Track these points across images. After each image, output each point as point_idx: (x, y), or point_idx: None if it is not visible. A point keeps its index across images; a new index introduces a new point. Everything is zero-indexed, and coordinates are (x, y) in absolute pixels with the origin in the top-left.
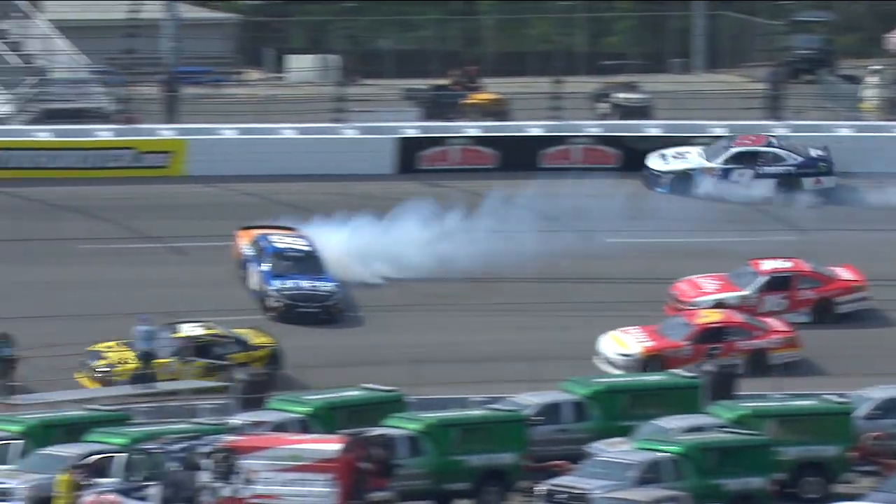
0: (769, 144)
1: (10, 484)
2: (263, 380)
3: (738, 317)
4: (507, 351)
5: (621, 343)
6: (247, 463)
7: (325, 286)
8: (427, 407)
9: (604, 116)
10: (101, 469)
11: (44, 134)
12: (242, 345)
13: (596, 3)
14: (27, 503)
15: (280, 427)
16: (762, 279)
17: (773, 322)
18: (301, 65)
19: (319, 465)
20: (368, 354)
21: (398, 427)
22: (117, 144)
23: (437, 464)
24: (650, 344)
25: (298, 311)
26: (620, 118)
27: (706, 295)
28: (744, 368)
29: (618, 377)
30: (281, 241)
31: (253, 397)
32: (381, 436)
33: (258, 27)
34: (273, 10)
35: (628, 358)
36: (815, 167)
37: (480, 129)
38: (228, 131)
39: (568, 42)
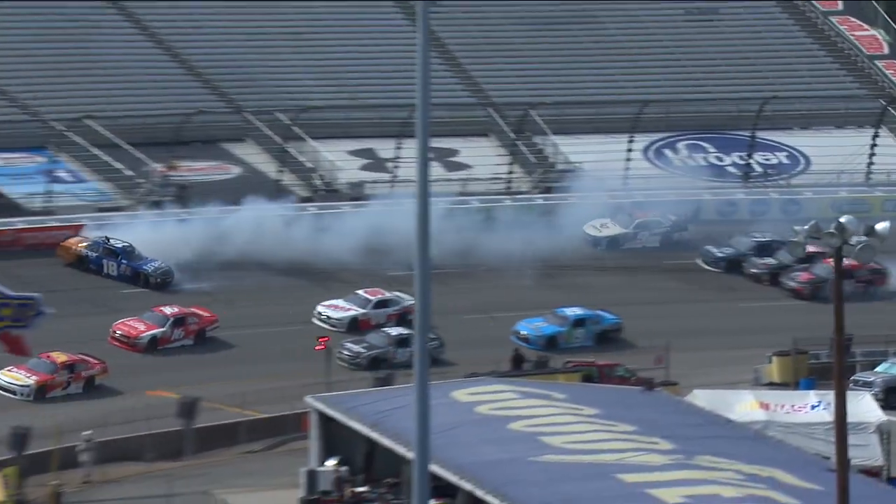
0: (651, 216)
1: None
2: None
3: (73, 356)
4: None
5: (16, 377)
6: None
7: (160, 263)
8: None
9: None
10: None
11: None
12: None
13: None
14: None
15: None
16: (171, 319)
17: (91, 359)
18: None
19: None
20: None
21: None
22: None
23: None
24: (36, 378)
25: (168, 281)
26: None
27: (143, 333)
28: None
29: None
30: (114, 241)
31: None
32: None
33: None
34: None
35: (27, 388)
36: (682, 227)
37: None
38: None
39: None
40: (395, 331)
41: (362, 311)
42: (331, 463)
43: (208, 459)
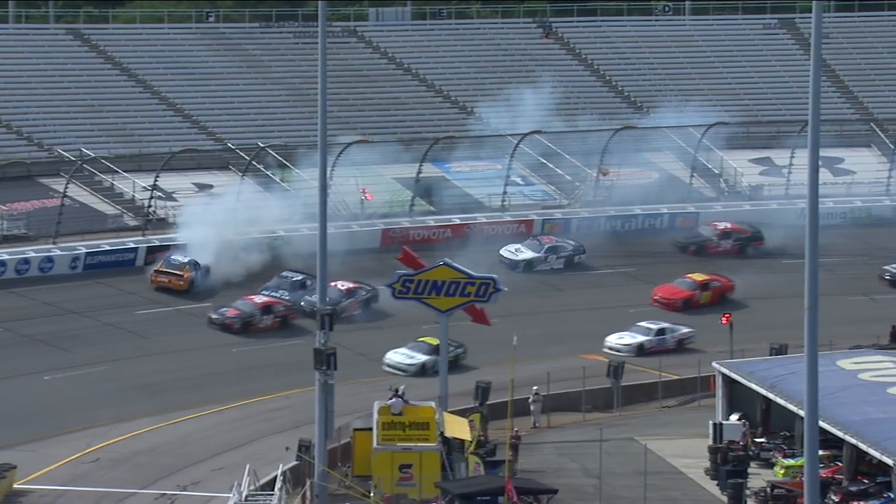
0: (556, 241)
1: None
2: None
3: None
4: None
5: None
6: None
7: None
8: None
9: None
10: None
11: None
12: None
13: None
14: None
15: None
16: None
17: None
18: None
19: None
20: None
21: None
22: None
23: None
24: None
25: None
26: None
27: None
28: None
29: None
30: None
31: None
32: None
33: None
34: None
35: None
36: (581, 250)
37: None
38: None
39: None
40: None
41: None
42: (734, 417)
43: (631, 412)
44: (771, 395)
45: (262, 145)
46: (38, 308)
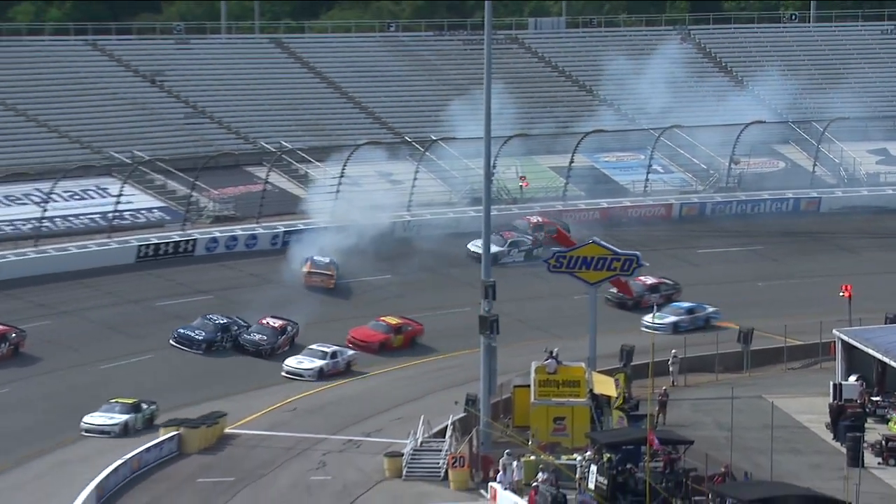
0: (516, 236)
1: None
2: None
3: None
4: None
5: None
6: None
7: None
8: None
9: None
10: None
11: None
12: None
13: None
14: None
15: None
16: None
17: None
18: None
19: None
20: None
21: None
22: None
23: None
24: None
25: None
26: None
27: None
28: None
29: None
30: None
31: None
32: None
33: None
34: None
35: None
36: (539, 244)
37: None
38: None
39: None
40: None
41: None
42: (852, 378)
43: (760, 373)
44: (886, 359)
45: (434, 138)
46: (246, 279)
